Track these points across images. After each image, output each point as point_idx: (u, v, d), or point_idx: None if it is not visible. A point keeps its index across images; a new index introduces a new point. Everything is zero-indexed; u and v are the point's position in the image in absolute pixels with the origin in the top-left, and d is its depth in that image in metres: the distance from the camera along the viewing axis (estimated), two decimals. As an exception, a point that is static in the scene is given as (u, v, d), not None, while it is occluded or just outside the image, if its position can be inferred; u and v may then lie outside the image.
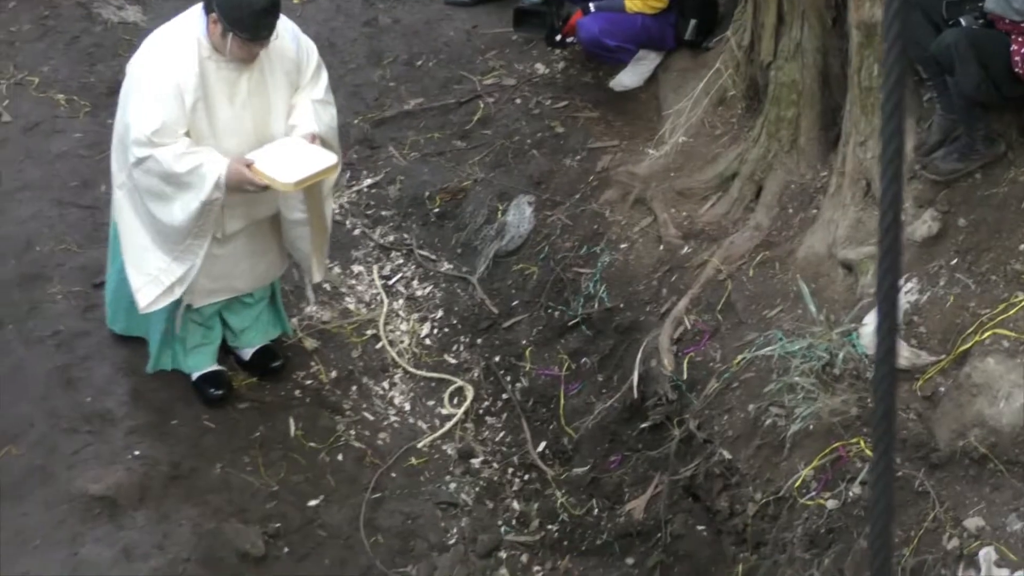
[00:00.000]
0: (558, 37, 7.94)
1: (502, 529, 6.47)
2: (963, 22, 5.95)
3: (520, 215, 7.48)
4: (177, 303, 6.34)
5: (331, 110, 6.36)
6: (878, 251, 2.01)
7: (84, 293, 7.17)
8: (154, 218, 6.09)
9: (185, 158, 5.90)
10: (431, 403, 7.00)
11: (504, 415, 6.94)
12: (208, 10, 5.93)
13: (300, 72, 6.26)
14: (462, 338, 7.28)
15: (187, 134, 5.94)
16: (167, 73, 5.91)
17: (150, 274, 6.19)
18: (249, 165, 5.97)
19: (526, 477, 6.67)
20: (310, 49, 6.33)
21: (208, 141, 6.00)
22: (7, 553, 5.91)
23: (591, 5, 7.83)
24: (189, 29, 6.00)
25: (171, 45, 6.00)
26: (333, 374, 7.01)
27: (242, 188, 6.01)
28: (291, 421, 6.72)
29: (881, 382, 2.04)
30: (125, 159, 6.06)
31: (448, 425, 6.86)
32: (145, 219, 6.15)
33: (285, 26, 6.15)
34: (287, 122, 6.21)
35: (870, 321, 5.90)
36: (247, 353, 6.84)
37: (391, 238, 7.79)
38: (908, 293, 5.90)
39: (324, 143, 6.20)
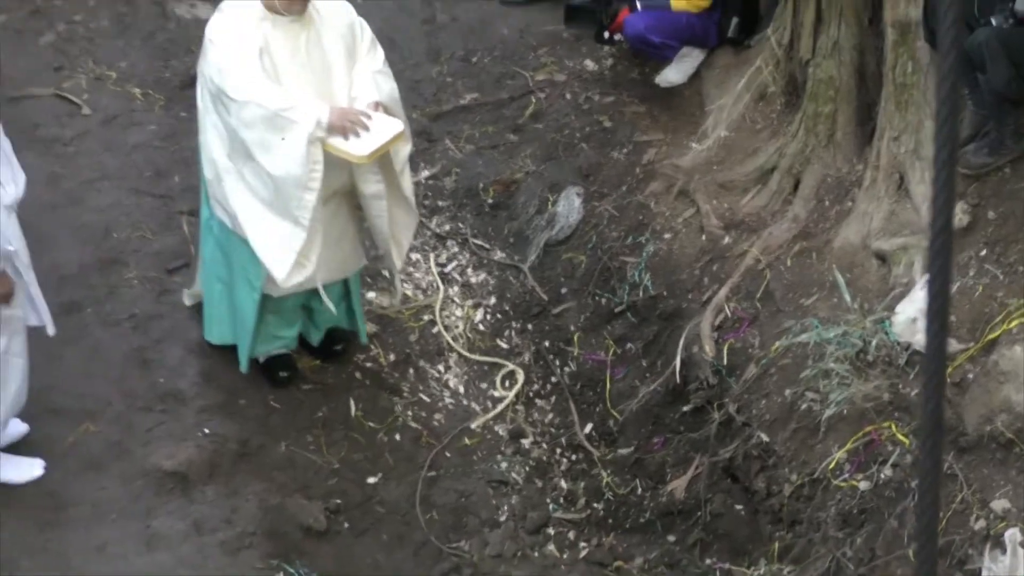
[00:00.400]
0: (606, 34, 7.91)
1: (550, 507, 6.47)
2: (994, 21, 5.88)
3: (569, 206, 7.47)
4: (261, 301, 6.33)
5: (391, 82, 6.27)
6: (928, 255, 1.97)
7: (158, 278, 7.19)
8: (266, 179, 5.94)
9: (283, 96, 5.83)
10: (484, 386, 7.00)
11: (553, 398, 6.94)
12: None
13: (355, 40, 6.21)
14: (514, 324, 7.29)
15: None
16: (236, 31, 5.89)
17: (279, 246, 6.05)
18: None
19: (573, 457, 6.67)
20: (363, 23, 6.29)
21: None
22: (86, 524, 5.96)
23: (638, 3, 7.79)
24: None
25: (235, 9, 5.97)
26: (392, 357, 7.01)
27: (344, 125, 5.86)
28: (352, 402, 6.73)
29: (931, 379, 2.01)
30: (224, 137, 5.97)
31: (500, 407, 6.87)
32: (259, 190, 6.01)
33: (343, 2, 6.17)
34: (349, 93, 6.13)
35: (902, 310, 5.86)
36: (313, 338, 6.83)
37: (447, 227, 7.79)
38: (939, 284, 5.84)
39: (387, 111, 6.11)
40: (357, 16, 6.28)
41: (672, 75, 7.89)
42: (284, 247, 6.04)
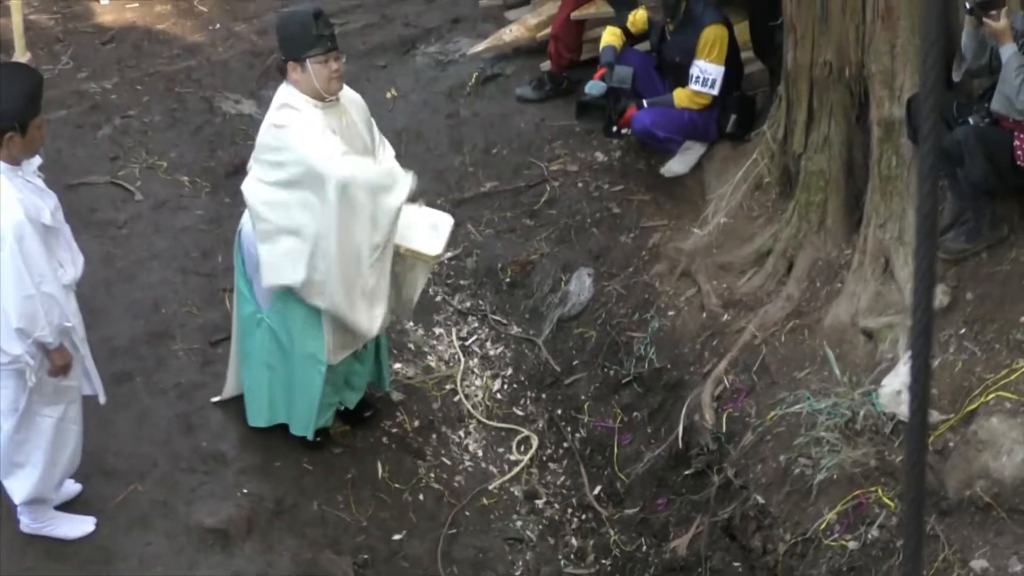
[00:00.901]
0: (614, 128, 7.97)
1: (562, 563, 6.45)
2: (971, 120, 5.95)
3: (581, 285, 7.49)
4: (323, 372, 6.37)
5: None
6: (911, 334, 2.01)
7: (202, 350, 7.24)
8: (351, 245, 5.99)
9: (377, 165, 5.95)
10: (501, 450, 7.01)
11: (565, 461, 6.94)
12: (284, 71, 6.00)
13: (370, 120, 6.34)
14: (529, 393, 7.30)
15: None
16: (309, 118, 5.94)
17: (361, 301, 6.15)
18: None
19: (583, 516, 6.66)
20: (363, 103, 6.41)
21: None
22: (133, 577, 6.00)
23: (644, 101, 7.85)
24: (289, 95, 6.02)
25: (293, 104, 5.99)
26: (416, 423, 7.03)
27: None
28: (379, 464, 6.74)
29: (914, 448, 2.05)
30: (304, 214, 5.96)
31: (516, 470, 6.87)
32: (341, 260, 6.02)
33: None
34: None
35: (888, 383, 5.89)
36: (342, 405, 6.87)
37: (468, 304, 7.82)
38: (921, 359, 5.87)
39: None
40: None
41: (676, 166, 7.94)
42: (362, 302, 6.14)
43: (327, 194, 5.89)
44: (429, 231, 6.14)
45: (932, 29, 1.90)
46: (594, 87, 7.83)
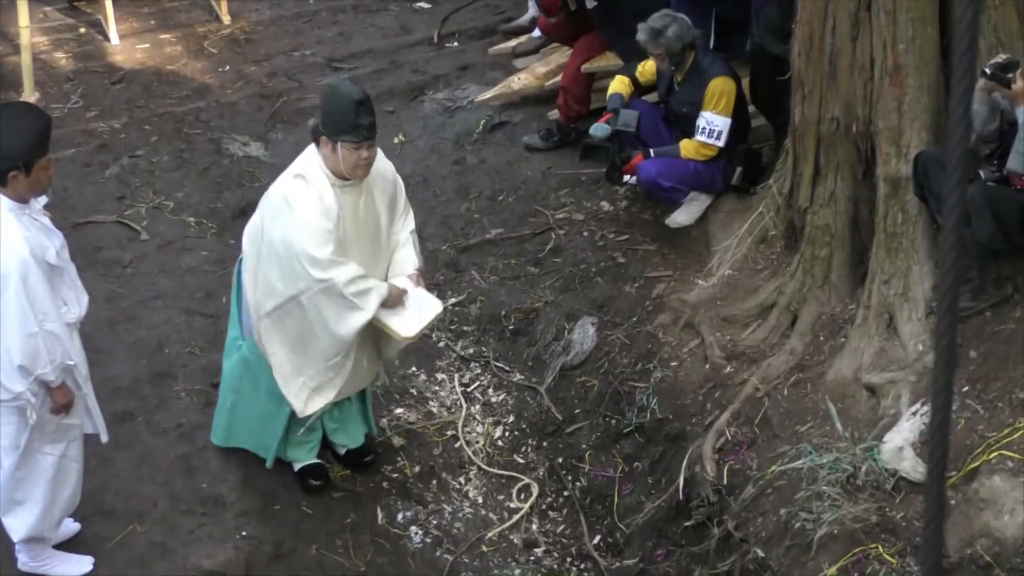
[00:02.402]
0: (619, 175, 7.98)
1: (560, 612, 6.44)
2: (982, 174, 5.96)
3: (584, 334, 7.50)
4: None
5: (417, 242, 6.47)
6: (932, 388, 2.02)
7: (204, 391, 7.24)
8: (312, 338, 6.12)
9: (357, 282, 5.97)
10: (501, 497, 6.99)
11: (565, 510, 6.92)
12: (316, 139, 5.96)
13: (396, 192, 6.32)
14: (530, 441, 7.28)
15: None
16: (316, 200, 5.92)
17: (299, 385, 6.25)
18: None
19: (582, 566, 6.64)
20: (399, 178, 6.41)
21: (340, 243, 6.02)
22: (129, 618, 5.97)
23: (651, 151, 7.88)
24: (313, 164, 6.00)
25: (308, 178, 5.97)
26: (416, 469, 7.01)
27: (394, 306, 6.12)
28: (379, 509, 6.72)
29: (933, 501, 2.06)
30: (296, 281, 6.02)
31: (515, 518, 6.85)
32: (296, 341, 6.16)
33: (381, 157, 6.22)
34: (394, 255, 6.32)
35: (890, 439, 5.88)
36: (343, 449, 6.88)
37: (471, 350, 7.82)
38: (924, 416, 5.87)
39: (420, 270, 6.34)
40: (394, 170, 6.41)
41: (681, 217, 7.96)
42: (304, 387, 6.25)
43: (300, 292, 6.00)
44: (414, 313, 6.18)
45: (959, 99, 1.92)
46: (599, 129, 7.86)
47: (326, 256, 5.90)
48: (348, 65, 10.56)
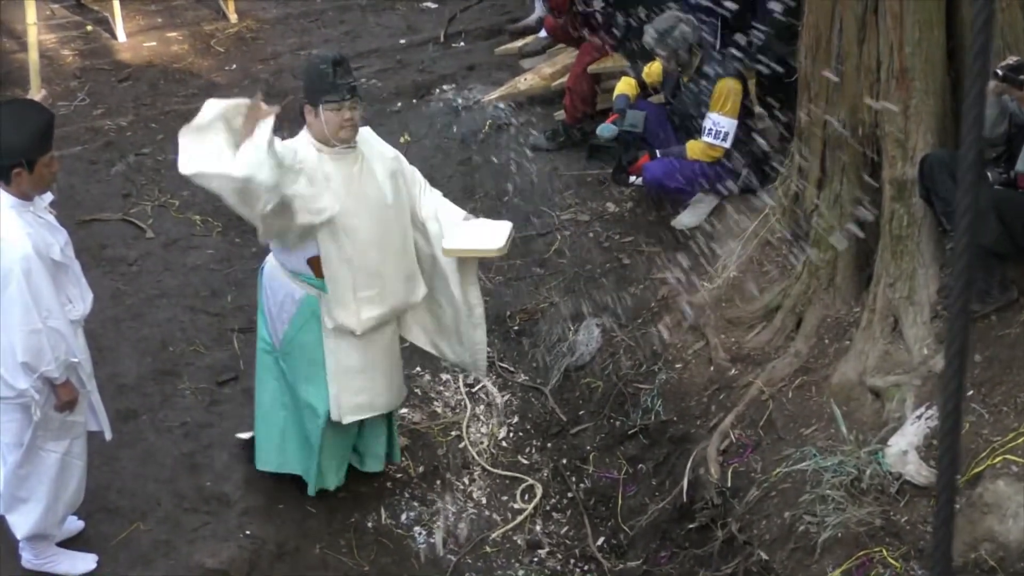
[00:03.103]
0: (624, 176, 7.98)
1: (563, 613, 6.44)
2: (989, 177, 5.95)
3: (589, 335, 7.50)
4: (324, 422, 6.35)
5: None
6: (942, 393, 2.01)
7: (209, 389, 7.25)
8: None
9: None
10: (505, 498, 6.98)
11: (568, 511, 6.91)
12: (302, 113, 5.98)
13: (403, 172, 6.28)
14: (534, 442, 7.28)
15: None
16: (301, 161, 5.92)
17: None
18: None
19: (586, 568, 6.62)
20: (401, 156, 6.39)
21: (351, 219, 6.00)
22: (132, 616, 5.97)
23: (657, 152, 7.88)
24: (301, 138, 6.01)
25: (298, 143, 5.99)
26: (420, 469, 7.01)
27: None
28: (383, 509, 6.72)
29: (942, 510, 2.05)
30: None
31: (519, 519, 6.84)
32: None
33: (374, 134, 6.24)
34: (438, 213, 6.31)
35: (895, 442, 5.87)
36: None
37: (476, 351, 7.81)
38: (929, 419, 5.86)
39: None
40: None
41: (687, 219, 7.96)
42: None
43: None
44: (489, 230, 6.21)
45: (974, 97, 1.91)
46: (606, 129, 7.87)
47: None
48: (355, 64, 10.55)
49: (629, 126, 7.83)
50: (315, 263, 6.05)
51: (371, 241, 6.06)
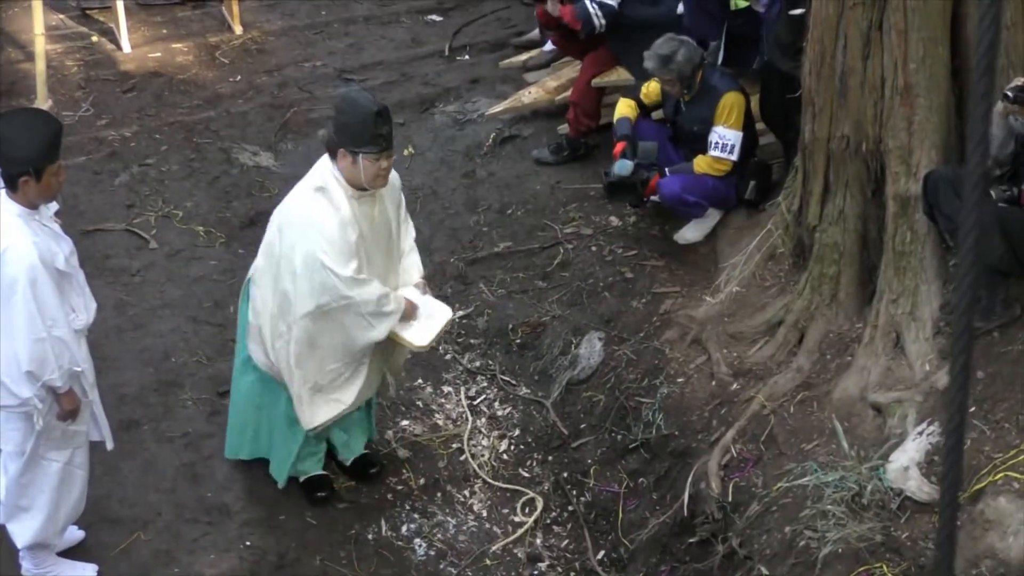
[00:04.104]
0: (639, 199, 7.94)
1: (563, 627, 6.44)
2: (992, 194, 5.96)
3: (591, 348, 7.50)
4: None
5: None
6: (948, 408, 2.02)
7: (211, 400, 7.27)
8: (324, 350, 6.20)
9: (380, 301, 6.08)
10: (505, 511, 6.98)
11: (569, 525, 6.91)
12: (332, 152, 5.98)
13: (401, 201, 6.38)
14: (535, 455, 7.28)
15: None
16: (336, 214, 5.95)
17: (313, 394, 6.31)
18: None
19: (586, 582, 6.65)
20: (399, 181, 6.47)
21: (365, 266, 6.08)
22: (131, 626, 5.98)
23: (666, 170, 7.84)
24: (329, 175, 6.02)
25: (328, 191, 6.00)
26: (421, 481, 7.02)
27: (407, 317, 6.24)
28: (383, 521, 6.74)
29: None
30: (316, 295, 6.06)
31: (520, 532, 6.84)
32: (306, 354, 6.20)
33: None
34: (401, 262, 6.38)
35: (896, 458, 5.87)
36: (348, 460, 6.90)
37: (477, 364, 7.82)
38: (930, 436, 5.87)
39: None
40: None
41: (690, 233, 7.96)
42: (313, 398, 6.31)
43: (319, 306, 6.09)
44: (424, 321, 6.23)
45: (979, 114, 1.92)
46: (623, 168, 7.70)
47: (349, 274, 5.96)
48: (359, 76, 10.59)
49: (644, 160, 7.76)
50: None
51: (381, 275, 6.22)
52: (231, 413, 6.76)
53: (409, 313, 6.19)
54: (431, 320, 6.24)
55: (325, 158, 6.07)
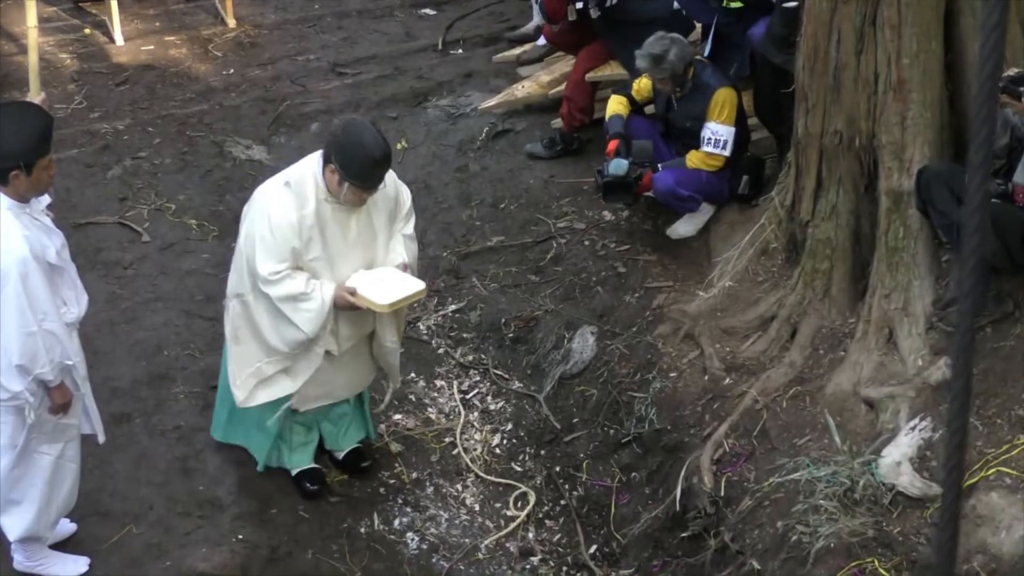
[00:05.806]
0: (632, 196, 7.92)
1: (555, 621, 6.43)
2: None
3: (584, 343, 7.50)
4: (285, 408, 6.42)
5: (415, 247, 6.49)
6: (951, 406, 2.01)
7: (203, 393, 7.25)
8: (250, 336, 6.27)
9: (295, 301, 6.04)
10: (498, 505, 6.98)
11: (561, 519, 6.91)
12: (326, 160, 5.98)
13: (398, 207, 6.35)
14: (528, 449, 7.28)
15: (302, 267, 6.05)
16: (289, 214, 5.97)
17: (252, 370, 6.31)
18: (352, 292, 6.07)
19: (578, 575, 6.65)
20: (407, 194, 6.45)
21: (324, 269, 6.08)
22: (123, 621, 5.96)
23: (659, 165, 7.82)
24: (310, 174, 6.05)
25: (294, 187, 6.03)
26: (414, 475, 7.02)
27: (346, 309, 6.11)
28: (375, 515, 6.73)
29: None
30: (246, 279, 6.17)
31: (512, 526, 6.84)
32: (237, 335, 6.32)
33: (390, 175, 6.24)
34: (387, 252, 6.32)
35: (888, 453, 5.87)
36: (340, 453, 6.89)
37: (470, 358, 7.82)
38: (922, 431, 5.87)
39: (411, 270, 6.31)
40: (404, 187, 6.46)
41: (682, 228, 7.95)
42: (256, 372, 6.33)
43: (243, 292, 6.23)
44: (394, 285, 6.19)
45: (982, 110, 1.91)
46: (618, 167, 7.65)
47: (265, 273, 5.99)
48: (352, 70, 10.58)
49: (639, 159, 7.73)
50: None
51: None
52: (219, 388, 6.81)
53: (342, 305, 6.10)
54: (401, 285, 6.20)
55: (317, 155, 6.06)
